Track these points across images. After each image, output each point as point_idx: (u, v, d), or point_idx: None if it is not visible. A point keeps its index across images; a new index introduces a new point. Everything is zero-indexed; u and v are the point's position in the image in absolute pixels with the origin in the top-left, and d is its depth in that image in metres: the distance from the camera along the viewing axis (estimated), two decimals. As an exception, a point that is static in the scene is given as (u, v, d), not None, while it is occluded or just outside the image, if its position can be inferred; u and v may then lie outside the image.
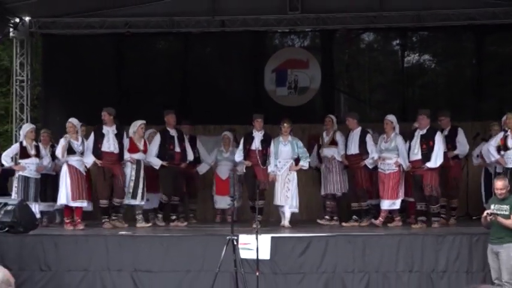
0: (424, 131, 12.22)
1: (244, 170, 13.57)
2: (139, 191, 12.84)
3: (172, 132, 13.20)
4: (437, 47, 16.42)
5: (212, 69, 16.68)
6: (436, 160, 11.93)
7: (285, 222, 12.87)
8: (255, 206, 12.48)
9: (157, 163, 12.93)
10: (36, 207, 12.60)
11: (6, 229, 11.21)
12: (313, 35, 16.45)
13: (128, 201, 12.86)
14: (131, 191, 12.78)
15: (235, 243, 9.32)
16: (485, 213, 9.91)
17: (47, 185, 12.95)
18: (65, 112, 14.10)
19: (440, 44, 16.31)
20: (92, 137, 12.71)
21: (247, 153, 13.12)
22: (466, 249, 10.81)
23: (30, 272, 10.89)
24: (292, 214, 13.15)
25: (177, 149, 13.18)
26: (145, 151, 13.01)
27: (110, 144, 12.79)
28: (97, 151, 12.63)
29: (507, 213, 9.67)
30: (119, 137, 12.85)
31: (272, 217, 14.12)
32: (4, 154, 12.68)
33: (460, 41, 16.01)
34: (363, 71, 16.82)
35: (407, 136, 12.60)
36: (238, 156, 13.29)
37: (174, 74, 16.51)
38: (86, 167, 12.57)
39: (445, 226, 12.32)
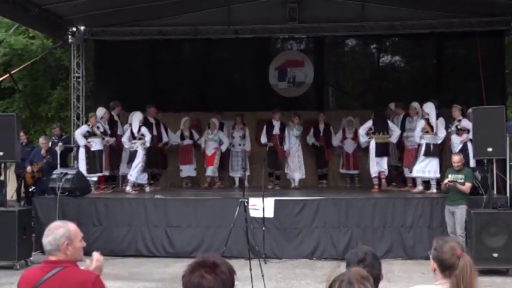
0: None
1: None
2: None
3: (151, 120, 13.72)
4: (405, 50, 16.36)
5: (227, 68, 16.68)
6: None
7: (296, 185, 13.94)
8: (273, 173, 14.19)
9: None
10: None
11: (67, 193, 11.38)
12: (307, 40, 16.38)
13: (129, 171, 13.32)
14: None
15: (246, 204, 9.36)
16: (446, 181, 10.04)
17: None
18: (111, 102, 14.20)
19: (408, 47, 16.25)
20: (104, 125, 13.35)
21: (270, 137, 13.95)
22: (428, 209, 10.93)
23: (86, 227, 10.99)
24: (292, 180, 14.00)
25: (155, 133, 13.69)
26: None
27: (120, 129, 13.60)
28: (113, 134, 13.41)
29: (462, 181, 9.94)
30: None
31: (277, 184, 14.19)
32: (77, 136, 12.97)
33: (424, 45, 15.91)
34: (347, 69, 16.79)
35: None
36: (263, 139, 14.08)
37: (197, 72, 16.49)
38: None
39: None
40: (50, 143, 13.88)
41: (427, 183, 12.30)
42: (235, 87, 16.29)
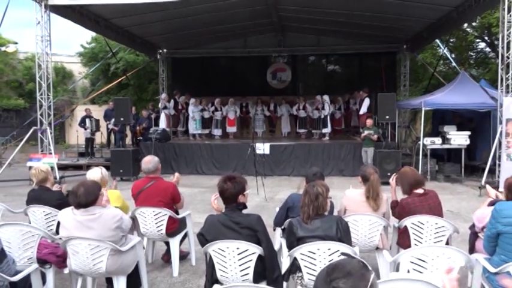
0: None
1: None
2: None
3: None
4: (341, 63, 16.07)
5: (244, 72, 16.39)
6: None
7: (285, 135, 14.02)
8: (272, 130, 14.33)
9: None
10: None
11: (158, 140, 11.39)
12: (288, 57, 15.92)
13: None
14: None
15: (254, 147, 9.39)
16: (363, 134, 10.06)
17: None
18: (181, 92, 14.06)
19: (343, 61, 15.96)
20: (172, 102, 13.01)
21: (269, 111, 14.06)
22: (352, 149, 10.92)
23: (169, 158, 11.12)
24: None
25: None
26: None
27: (175, 105, 13.06)
28: (176, 108, 13.08)
29: (372, 133, 9.83)
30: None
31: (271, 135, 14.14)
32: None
33: (352, 60, 15.67)
34: (310, 73, 16.50)
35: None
36: (267, 112, 13.98)
37: (227, 74, 16.14)
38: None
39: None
40: (148, 114, 13.89)
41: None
42: (247, 83, 16.05)
